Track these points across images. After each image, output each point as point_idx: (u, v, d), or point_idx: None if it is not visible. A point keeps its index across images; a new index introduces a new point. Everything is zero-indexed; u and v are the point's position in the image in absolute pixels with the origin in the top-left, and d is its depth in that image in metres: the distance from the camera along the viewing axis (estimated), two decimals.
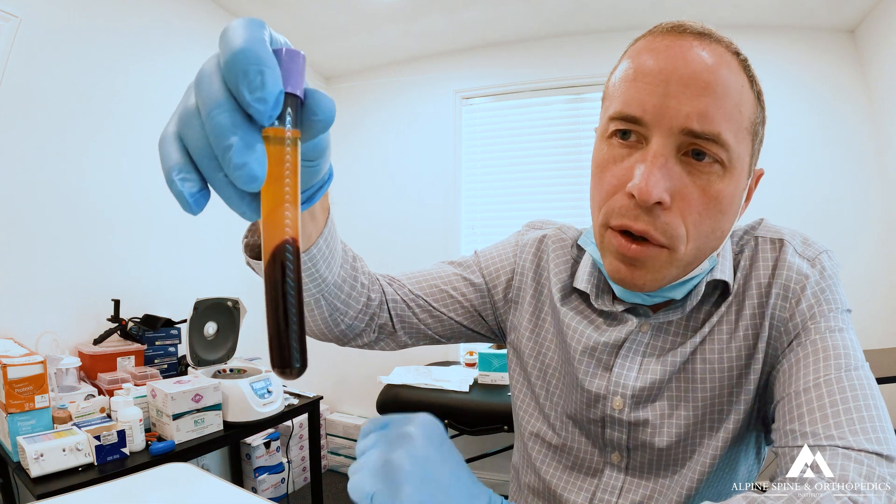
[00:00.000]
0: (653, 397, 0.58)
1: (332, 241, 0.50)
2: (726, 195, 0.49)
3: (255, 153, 0.22)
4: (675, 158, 0.47)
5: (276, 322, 0.22)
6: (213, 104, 0.22)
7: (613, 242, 0.51)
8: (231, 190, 0.24)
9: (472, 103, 2.81)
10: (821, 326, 0.51)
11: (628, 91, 0.49)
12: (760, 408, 0.56)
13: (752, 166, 0.53)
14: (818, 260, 0.54)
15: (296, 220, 0.23)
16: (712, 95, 0.45)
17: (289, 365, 0.22)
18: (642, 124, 0.48)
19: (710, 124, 0.45)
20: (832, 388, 0.45)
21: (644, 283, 0.51)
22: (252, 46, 0.22)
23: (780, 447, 0.46)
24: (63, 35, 1.68)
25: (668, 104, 0.46)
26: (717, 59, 0.47)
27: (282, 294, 0.22)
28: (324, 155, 0.31)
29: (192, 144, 0.23)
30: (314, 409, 1.90)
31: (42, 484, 1.10)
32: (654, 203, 0.46)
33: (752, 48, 2.19)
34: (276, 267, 0.22)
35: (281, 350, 0.22)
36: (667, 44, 0.48)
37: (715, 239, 0.51)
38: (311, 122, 0.25)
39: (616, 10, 2.32)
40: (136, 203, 1.92)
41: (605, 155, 0.52)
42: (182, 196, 0.23)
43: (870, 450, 0.40)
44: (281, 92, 0.22)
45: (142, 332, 1.75)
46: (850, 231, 2.25)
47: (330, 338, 0.62)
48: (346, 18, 2.46)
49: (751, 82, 0.49)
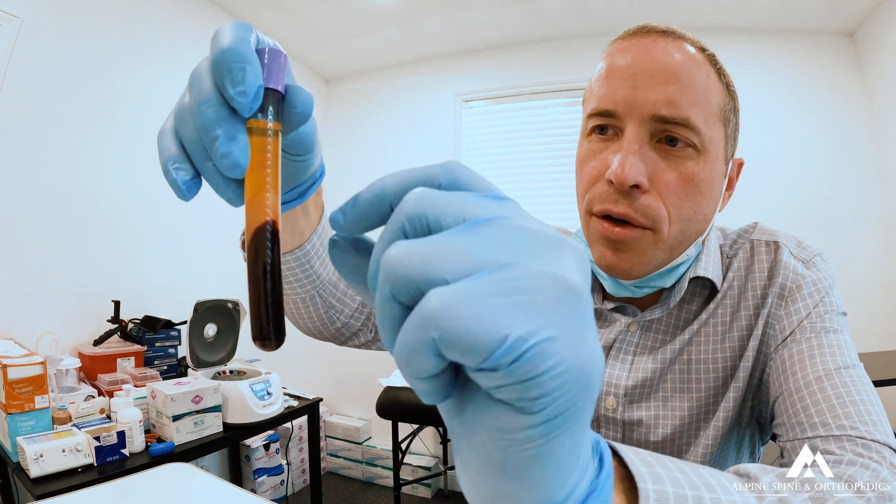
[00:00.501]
0: (645, 395, 0.59)
1: (326, 238, 0.51)
2: (703, 178, 0.51)
3: (238, 143, 0.24)
4: (648, 145, 0.50)
5: (255, 297, 0.24)
6: (202, 100, 0.24)
7: (598, 227, 0.52)
8: (218, 178, 0.26)
9: (472, 106, 2.81)
10: (816, 326, 0.51)
11: (601, 89, 0.52)
12: (754, 406, 0.56)
13: (728, 153, 0.55)
14: (813, 262, 0.56)
15: (276, 204, 0.25)
16: (678, 83, 0.48)
17: (267, 337, 0.24)
18: (616, 116, 0.51)
19: (677, 109, 0.48)
20: (834, 381, 0.46)
21: (631, 267, 0.52)
22: (236, 46, 0.24)
23: (789, 440, 0.46)
24: (64, 36, 1.69)
25: (636, 95, 0.49)
26: (680, 51, 0.50)
27: (261, 271, 0.24)
28: (312, 150, 0.34)
29: (186, 137, 0.26)
30: (314, 411, 1.90)
31: (41, 484, 1.10)
32: (632, 186, 0.49)
33: (752, 51, 2.20)
34: (257, 246, 0.24)
35: (259, 323, 0.24)
36: (633, 43, 0.52)
37: (698, 222, 0.53)
38: (291, 114, 0.27)
39: (615, 14, 2.32)
40: (137, 204, 1.93)
41: (586, 151, 0.55)
42: (176, 183, 0.25)
43: (882, 441, 0.41)
44: (261, 86, 0.24)
45: (142, 334, 1.75)
46: (849, 233, 2.25)
47: (326, 336, 0.62)
48: (346, 21, 2.47)
49: (718, 74, 0.52)
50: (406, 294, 0.17)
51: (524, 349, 0.15)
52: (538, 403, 0.16)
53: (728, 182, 0.57)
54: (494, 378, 0.16)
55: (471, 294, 0.16)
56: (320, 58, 2.84)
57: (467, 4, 2.31)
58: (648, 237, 0.51)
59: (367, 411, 2.78)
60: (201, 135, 0.25)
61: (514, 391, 0.16)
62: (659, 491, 0.22)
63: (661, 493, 0.22)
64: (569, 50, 2.58)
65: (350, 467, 2.79)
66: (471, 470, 0.19)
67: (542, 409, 0.16)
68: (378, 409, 2.11)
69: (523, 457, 0.17)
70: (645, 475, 0.22)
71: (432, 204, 0.19)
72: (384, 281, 0.18)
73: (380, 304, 0.18)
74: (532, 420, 0.16)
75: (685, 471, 0.24)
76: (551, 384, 0.15)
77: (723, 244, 0.61)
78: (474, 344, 0.15)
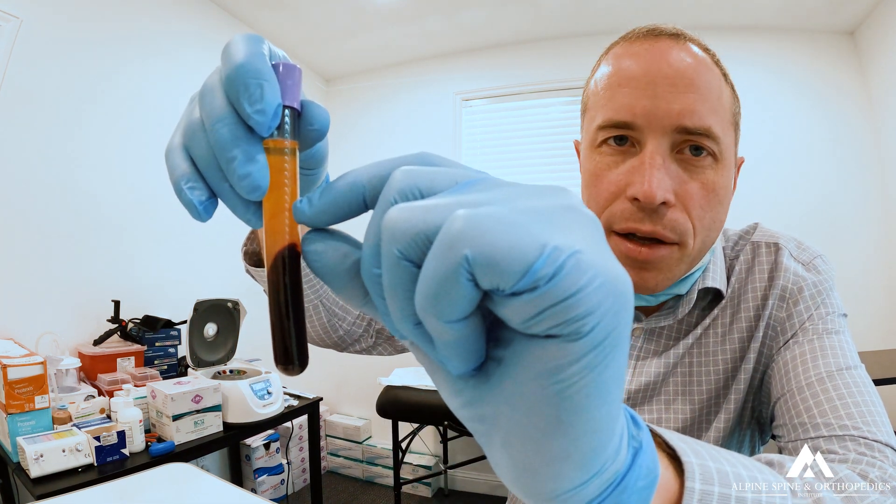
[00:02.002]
0: (648, 398, 0.58)
1: None
2: (721, 186, 0.50)
3: (257, 164, 0.23)
4: (670, 157, 0.48)
5: (279, 322, 0.24)
6: (216, 118, 0.23)
7: (621, 248, 0.50)
8: (236, 199, 0.24)
9: (472, 105, 2.81)
10: (818, 328, 0.51)
11: (615, 98, 0.49)
12: (755, 407, 0.56)
13: (735, 156, 0.54)
14: (813, 264, 0.55)
15: (295, 225, 0.24)
16: (697, 92, 0.47)
17: (291, 362, 0.23)
18: (634, 128, 0.48)
19: (700, 119, 0.47)
20: (836, 382, 0.46)
21: (656, 285, 0.51)
22: (252, 61, 0.23)
23: (790, 441, 0.46)
24: (64, 36, 1.68)
25: (658, 105, 0.47)
26: (694, 57, 0.48)
27: (283, 296, 0.23)
28: (322, 164, 0.34)
29: (198, 156, 0.24)
30: (314, 411, 1.90)
31: (42, 484, 1.10)
32: (660, 204, 0.47)
33: (752, 50, 2.20)
34: (278, 270, 0.24)
35: (284, 348, 0.23)
36: (645, 47, 0.49)
37: (715, 230, 0.52)
38: (308, 132, 0.26)
39: (615, 13, 2.32)
40: (137, 204, 1.93)
41: (599, 163, 0.52)
42: (192, 204, 0.24)
43: (884, 441, 0.41)
44: (279, 105, 0.23)
45: (142, 333, 1.75)
46: (849, 232, 2.25)
47: (329, 343, 0.63)
48: (346, 20, 2.46)
49: (724, 76, 0.51)
50: (417, 248, 0.16)
51: (563, 260, 0.14)
52: (585, 324, 0.14)
53: (733, 183, 0.57)
54: (533, 302, 0.14)
55: (495, 213, 0.15)
56: (320, 57, 2.84)
57: (467, 4, 2.31)
58: (675, 253, 0.50)
59: (368, 410, 2.78)
60: (217, 154, 0.23)
61: (558, 313, 0.14)
62: (702, 465, 0.22)
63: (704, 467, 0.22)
64: (568, 49, 2.58)
65: (350, 466, 2.80)
66: (515, 447, 0.17)
67: (589, 330, 0.15)
68: (378, 409, 2.12)
69: (578, 398, 0.15)
70: (687, 450, 0.22)
71: (421, 176, 0.19)
72: (390, 242, 0.17)
73: (389, 272, 0.17)
74: (581, 347, 0.15)
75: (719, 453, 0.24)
76: (594, 298, 0.14)
77: (725, 246, 0.61)
78: (511, 257, 0.14)
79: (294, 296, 0.24)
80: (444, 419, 1.97)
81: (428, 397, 2.02)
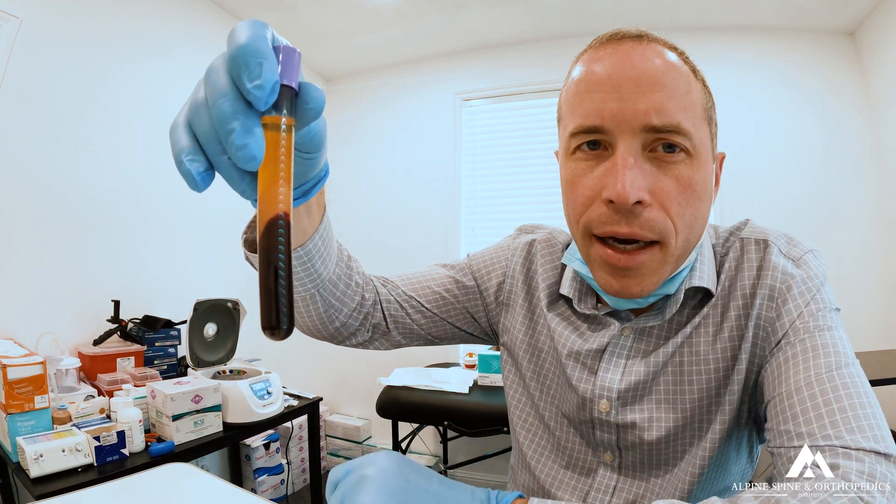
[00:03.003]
0: (638, 397, 0.58)
1: (328, 237, 0.52)
2: (698, 181, 0.50)
3: (254, 136, 0.25)
4: (643, 157, 0.48)
5: (266, 286, 0.25)
6: (219, 93, 0.25)
7: (601, 254, 0.51)
8: (233, 170, 0.27)
9: (472, 105, 2.81)
10: (809, 325, 0.50)
11: (584, 104, 0.50)
12: (751, 407, 0.56)
13: (713, 151, 0.54)
14: (803, 260, 0.54)
15: (288, 197, 0.26)
16: (663, 90, 0.47)
17: (277, 326, 0.24)
18: (604, 132, 0.49)
19: (668, 116, 0.47)
20: (824, 386, 0.45)
21: (640, 290, 0.51)
22: (253, 42, 0.25)
23: (775, 448, 0.46)
24: (64, 36, 1.68)
25: (625, 106, 0.47)
26: (658, 56, 0.49)
27: (274, 261, 0.25)
28: (321, 149, 0.35)
29: (200, 130, 0.26)
30: (314, 411, 1.90)
31: (41, 484, 1.10)
32: (635, 203, 0.47)
33: (752, 50, 2.21)
34: (269, 236, 0.25)
35: (270, 312, 0.25)
36: (609, 52, 0.50)
37: (697, 227, 0.52)
38: (304, 110, 0.28)
39: (614, 13, 2.32)
40: (137, 204, 1.93)
41: (574, 170, 0.52)
42: (190, 174, 0.26)
43: (867, 448, 0.40)
44: (277, 81, 0.25)
45: (142, 333, 1.75)
46: (847, 231, 2.25)
47: (325, 335, 0.62)
48: (346, 20, 2.46)
49: (693, 72, 0.51)
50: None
51: None
52: None
53: (715, 179, 0.56)
54: None
55: None
56: (320, 57, 2.84)
57: (467, 4, 2.31)
58: (657, 254, 0.50)
59: (367, 410, 2.78)
60: (217, 128, 0.25)
61: None
62: None
63: None
64: (569, 49, 2.53)
65: None
66: None
67: None
68: (378, 409, 2.11)
69: None
70: None
71: None
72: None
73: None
74: None
75: None
76: None
77: (715, 243, 0.61)
78: None
79: (284, 261, 0.25)
80: (444, 419, 1.97)
81: (427, 397, 2.02)
